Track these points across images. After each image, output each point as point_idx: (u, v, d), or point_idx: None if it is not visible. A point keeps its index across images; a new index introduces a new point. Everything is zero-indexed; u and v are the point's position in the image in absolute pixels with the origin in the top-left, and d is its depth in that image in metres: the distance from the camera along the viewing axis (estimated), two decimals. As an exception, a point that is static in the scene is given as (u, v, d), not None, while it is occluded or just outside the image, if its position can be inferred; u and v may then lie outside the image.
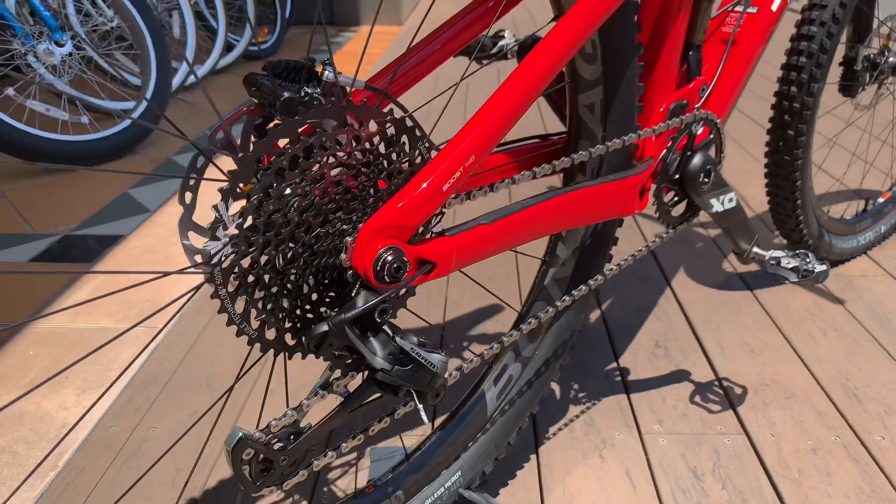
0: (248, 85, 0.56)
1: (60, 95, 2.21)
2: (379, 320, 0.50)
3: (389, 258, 0.50)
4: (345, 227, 0.52)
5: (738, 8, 0.90)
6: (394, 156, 0.54)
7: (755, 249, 0.92)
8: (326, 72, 0.57)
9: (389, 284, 0.51)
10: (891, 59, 1.33)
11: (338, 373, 0.54)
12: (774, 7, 0.88)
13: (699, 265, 1.48)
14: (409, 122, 0.55)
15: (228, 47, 3.48)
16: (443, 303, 1.35)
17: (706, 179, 0.82)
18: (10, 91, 2.03)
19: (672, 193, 0.84)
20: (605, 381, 1.12)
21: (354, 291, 0.51)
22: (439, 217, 0.60)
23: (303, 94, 0.57)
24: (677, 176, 0.82)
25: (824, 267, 0.87)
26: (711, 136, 0.84)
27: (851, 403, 1.06)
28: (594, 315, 1.31)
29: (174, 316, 0.68)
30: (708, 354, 1.18)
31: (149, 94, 2.30)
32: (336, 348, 0.50)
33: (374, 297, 0.50)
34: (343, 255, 0.51)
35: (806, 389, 1.09)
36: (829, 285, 1.38)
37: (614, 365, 1.16)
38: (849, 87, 1.32)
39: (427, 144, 0.57)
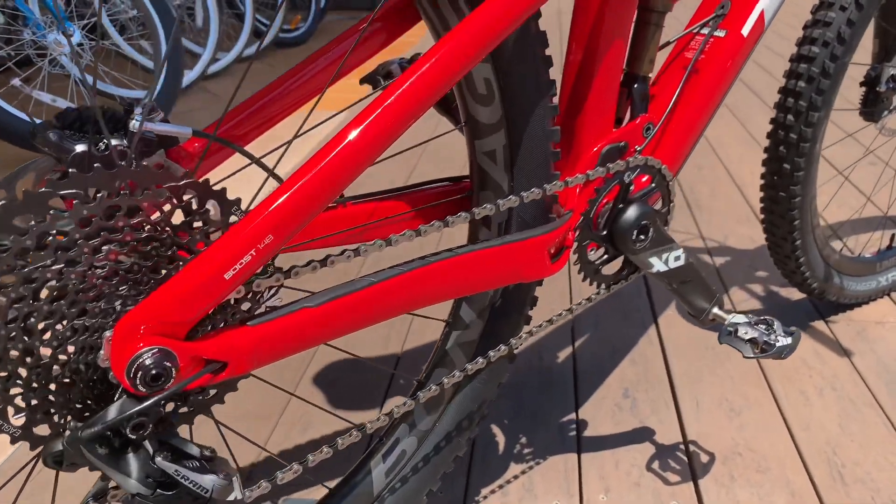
0: (33, 138, 0.48)
1: (81, 83, 2.21)
2: (134, 436, 0.42)
3: (147, 362, 0.42)
4: (106, 319, 0.43)
5: (705, 30, 0.77)
6: (182, 232, 0.46)
7: (715, 311, 0.79)
8: (133, 119, 0.49)
9: (152, 392, 0.42)
10: (923, 78, 1.15)
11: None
12: (746, 31, 0.75)
13: (695, 299, 1.33)
14: (222, 186, 0.47)
15: (259, 34, 3.44)
16: (338, 355, 1.26)
17: (642, 237, 0.70)
18: (15, 82, 2.03)
19: (602, 250, 0.72)
20: (557, 435, 1.01)
21: (117, 397, 0.43)
22: (274, 291, 0.52)
23: (102, 146, 0.49)
24: (605, 232, 0.70)
25: (788, 340, 0.74)
26: (654, 184, 0.72)
27: (834, 485, 0.92)
28: (563, 352, 1.20)
29: None
30: (680, 410, 1.06)
31: (159, 85, 2.27)
32: (86, 465, 0.42)
33: (132, 408, 0.42)
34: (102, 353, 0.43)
35: (784, 462, 0.96)
36: (839, 332, 1.23)
37: (573, 416, 1.05)
38: (871, 110, 1.16)
39: (238, 211, 0.48)
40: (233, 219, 0.47)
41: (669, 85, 0.76)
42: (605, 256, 0.72)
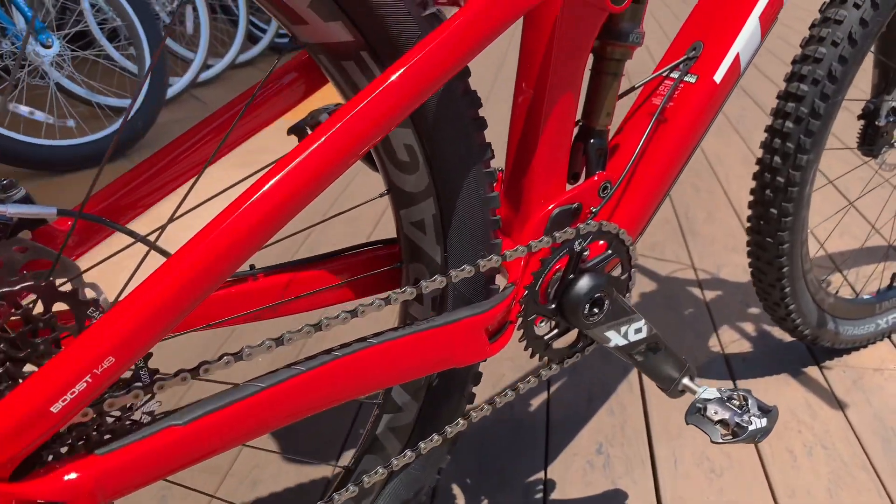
0: None
1: (65, 92, 2.16)
2: None
3: (-44, 514, 0.35)
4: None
5: (675, 74, 0.69)
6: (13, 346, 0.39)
7: (685, 382, 0.72)
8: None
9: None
10: (929, 112, 1.07)
11: None
12: (719, 77, 0.67)
13: (682, 339, 1.26)
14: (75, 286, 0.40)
15: (254, 38, 3.38)
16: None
17: (595, 310, 0.63)
18: (12, 105, 1.98)
19: (552, 324, 0.65)
20: (520, 498, 0.94)
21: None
22: (147, 398, 0.45)
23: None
24: (555, 305, 0.63)
25: (763, 423, 0.66)
26: (610, 250, 0.65)
27: (818, 563, 0.84)
28: (537, 399, 1.12)
29: None
30: (656, 470, 0.98)
31: (142, 96, 2.21)
32: None
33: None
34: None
35: (765, 535, 0.88)
36: (834, 380, 1.15)
37: (540, 475, 0.98)
38: (869, 146, 1.07)
39: (95, 312, 0.41)
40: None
41: (633, 136, 0.68)
42: (556, 331, 0.65)
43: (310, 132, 0.64)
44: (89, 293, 0.44)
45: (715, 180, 1.97)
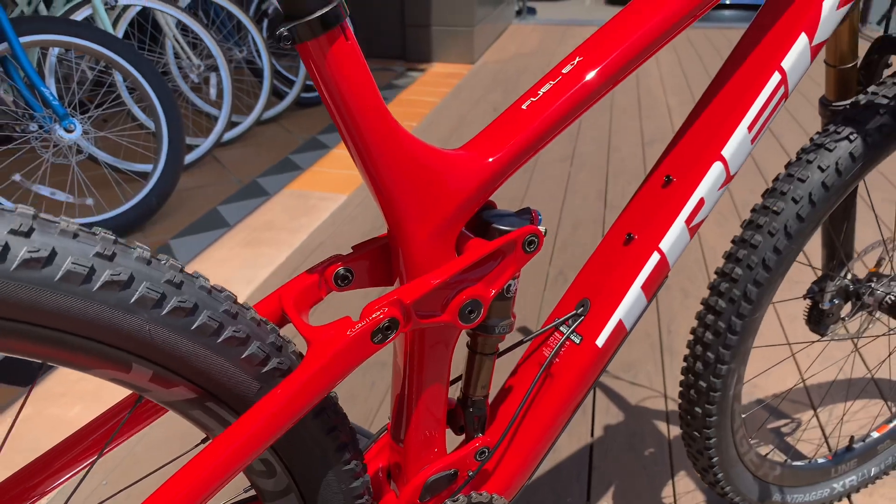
0: None
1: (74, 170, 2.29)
2: None
3: None
4: None
5: (564, 328, 0.72)
6: None
7: None
8: None
9: None
10: (879, 292, 1.06)
11: None
12: (600, 342, 0.69)
13: (633, 485, 1.27)
14: None
15: (279, 94, 3.48)
16: None
17: (464, 576, 0.66)
18: (17, 177, 2.11)
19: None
20: None
21: None
22: None
23: None
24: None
25: None
26: (485, 516, 0.68)
27: None
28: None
29: None
30: None
31: (158, 172, 2.32)
32: None
33: None
34: None
35: None
36: (781, 547, 1.14)
37: None
38: (815, 326, 1.07)
39: None
40: None
41: (519, 391, 0.71)
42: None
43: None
44: None
45: (708, 280, 1.95)
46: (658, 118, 3.38)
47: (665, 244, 0.68)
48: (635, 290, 0.69)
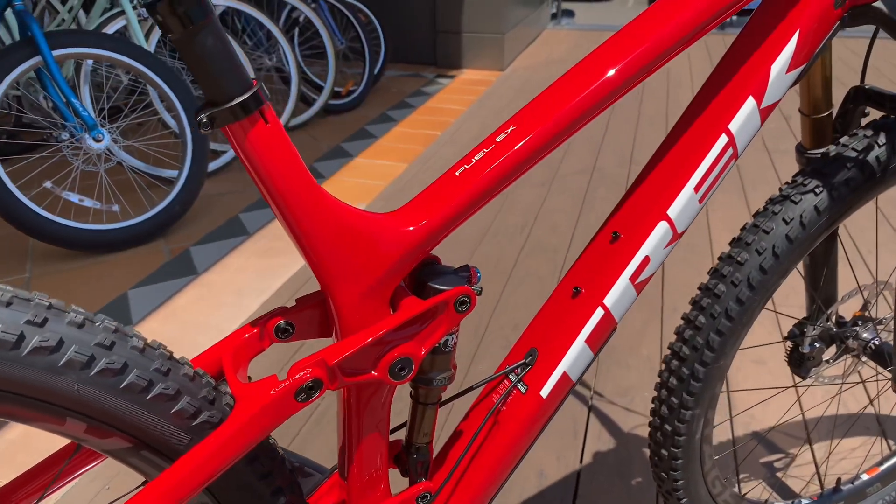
0: None
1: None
2: None
3: None
4: None
5: (512, 376, 0.73)
6: None
7: None
8: None
9: None
10: (864, 335, 1.05)
11: None
12: (545, 393, 0.71)
13: (619, 515, 1.27)
14: None
15: (307, 101, 3.55)
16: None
17: None
18: (48, 184, 2.21)
19: None
20: None
21: None
22: None
23: None
24: None
25: None
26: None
27: None
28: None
29: None
30: None
31: (182, 179, 2.40)
32: None
33: None
34: None
35: None
36: (759, 588, 1.13)
37: None
38: (797, 367, 1.06)
39: None
40: None
41: (464, 439, 0.73)
42: None
43: None
44: None
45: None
46: (685, 131, 3.33)
47: (609, 300, 0.70)
48: (579, 344, 0.70)
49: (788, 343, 1.07)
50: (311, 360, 0.56)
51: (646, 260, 0.69)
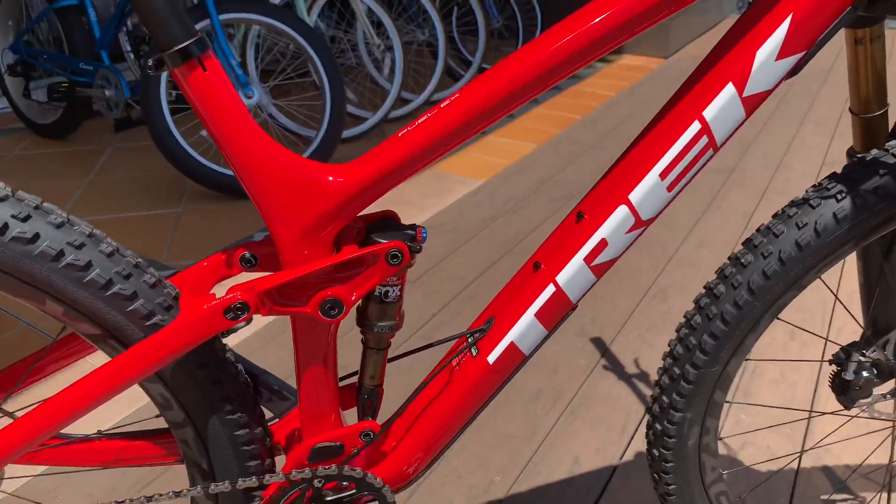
0: None
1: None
2: None
3: None
4: None
5: (470, 339, 0.76)
6: None
7: None
8: None
9: None
10: (925, 373, 0.93)
11: None
12: (491, 359, 0.73)
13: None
14: None
15: (454, 75, 3.65)
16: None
17: (332, 538, 0.75)
18: (203, 132, 2.51)
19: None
20: None
21: None
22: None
23: None
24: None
25: None
26: (366, 492, 0.75)
27: None
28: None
29: None
30: None
31: (317, 140, 2.61)
32: None
33: None
34: None
35: None
36: None
37: None
38: (842, 394, 0.97)
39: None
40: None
41: (426, 391, 0.77)
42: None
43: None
44: None
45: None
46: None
47: (562, 278, 0.70)
48: (528, 317, 0.71)
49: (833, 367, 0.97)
50: (244, 286, 0.63)
51: (602, 242, 0.68)
